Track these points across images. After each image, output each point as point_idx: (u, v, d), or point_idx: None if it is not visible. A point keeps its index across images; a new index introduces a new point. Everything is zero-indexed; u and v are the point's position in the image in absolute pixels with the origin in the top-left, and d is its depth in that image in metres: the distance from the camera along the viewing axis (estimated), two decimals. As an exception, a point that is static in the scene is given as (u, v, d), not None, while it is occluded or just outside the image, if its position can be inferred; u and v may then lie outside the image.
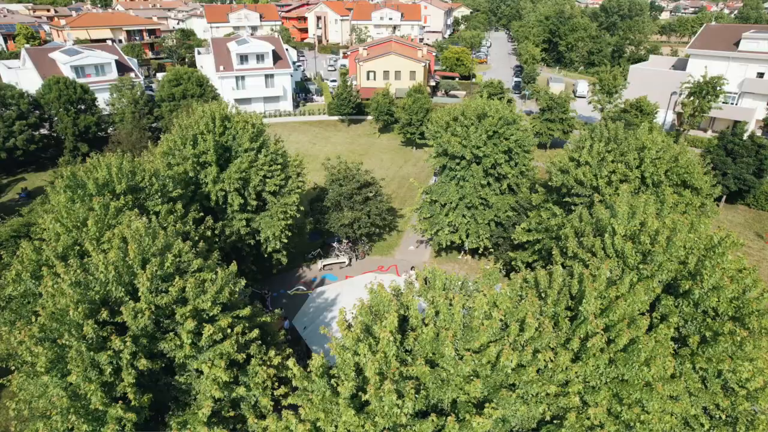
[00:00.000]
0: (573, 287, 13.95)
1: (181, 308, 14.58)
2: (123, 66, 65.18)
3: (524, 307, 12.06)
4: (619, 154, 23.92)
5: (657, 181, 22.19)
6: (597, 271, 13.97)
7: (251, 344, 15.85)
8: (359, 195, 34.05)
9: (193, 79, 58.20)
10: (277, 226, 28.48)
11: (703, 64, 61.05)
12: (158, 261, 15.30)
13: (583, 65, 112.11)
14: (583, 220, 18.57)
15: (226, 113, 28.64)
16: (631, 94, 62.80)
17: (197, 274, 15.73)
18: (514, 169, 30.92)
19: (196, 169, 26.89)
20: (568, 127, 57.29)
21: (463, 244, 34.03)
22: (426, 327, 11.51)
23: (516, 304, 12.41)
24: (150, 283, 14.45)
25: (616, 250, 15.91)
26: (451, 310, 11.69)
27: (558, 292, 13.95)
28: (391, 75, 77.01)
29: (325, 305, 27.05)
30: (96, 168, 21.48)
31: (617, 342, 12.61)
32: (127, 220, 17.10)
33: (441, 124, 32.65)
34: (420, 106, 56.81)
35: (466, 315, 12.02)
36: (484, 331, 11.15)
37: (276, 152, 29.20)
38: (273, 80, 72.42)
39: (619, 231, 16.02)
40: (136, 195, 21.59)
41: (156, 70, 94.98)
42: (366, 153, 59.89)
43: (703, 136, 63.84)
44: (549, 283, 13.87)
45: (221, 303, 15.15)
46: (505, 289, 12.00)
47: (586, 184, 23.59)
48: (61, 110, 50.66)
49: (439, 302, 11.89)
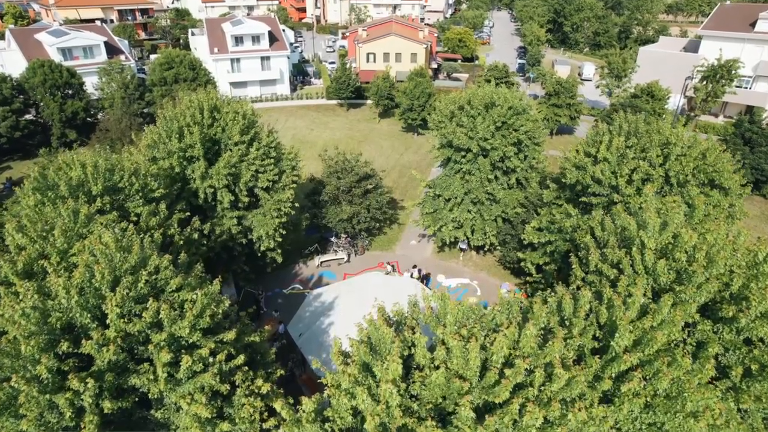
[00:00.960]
0: (601, 315, 12.23)
1: (156, 334, 12.88)
2: (113, 48, 62.64)
3: (552, 349, 10.35)
4: (639, 149, 21.99)
5: (683, 181, 20.30)
6: (629, 298, 12.19)
7: (237, 371, 14.19)
8: (358, 188, 32.17)
9: (186, 63, 55.76)
10: (270, 224, 26.69)
11: (717, 45, 58.50)
12: (131, 280, 13.55)
13: (588, 46, 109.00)
14: (605, 229, 16.73)
15: (215, 103, 26.61)
16: (640, 77, 60.43)
17: (175, 295, 13.97)
18: (523, 162, 28.98)
19: (183, 164, 24.97)
20: (575, 113, 55.07)
21: (468, 241, 32.25)
22: (437, 371, 9.82)
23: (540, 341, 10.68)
24: (120, 309, 12.72)
25: (645, 267, 14.14)
26: (466, 354, 9.98)
27: (585, 317, 12.24)
28: (391, 57, 74.36)
29: (323, 309, 25.42)
30: (70, 166, 19.57)
31: (655, 383, 10.94)
32: (98, 230, 15.26)
33: (446, 114, 30.59)
34: (422, 91, 54.51)
35: (484, 358, 10.30)
36: (506, 385, 9.47)
37: (269, 145, 27.25)
38: (269, 63, 69.85)
39: (649, 245, 14.23)
40: (114, 196, 19.74)
41: (149, 51, 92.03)
42: (365, 139, 57.79)
43: (715, 122, 61.69)
44: (574, 310, 12.11)
45: (202, 328, 13.42)
46: (530, 329, 10.25)
47: (604, 183, 21.71)
48: (46, 95, 48.40)
49: (452, 344, 10.17)
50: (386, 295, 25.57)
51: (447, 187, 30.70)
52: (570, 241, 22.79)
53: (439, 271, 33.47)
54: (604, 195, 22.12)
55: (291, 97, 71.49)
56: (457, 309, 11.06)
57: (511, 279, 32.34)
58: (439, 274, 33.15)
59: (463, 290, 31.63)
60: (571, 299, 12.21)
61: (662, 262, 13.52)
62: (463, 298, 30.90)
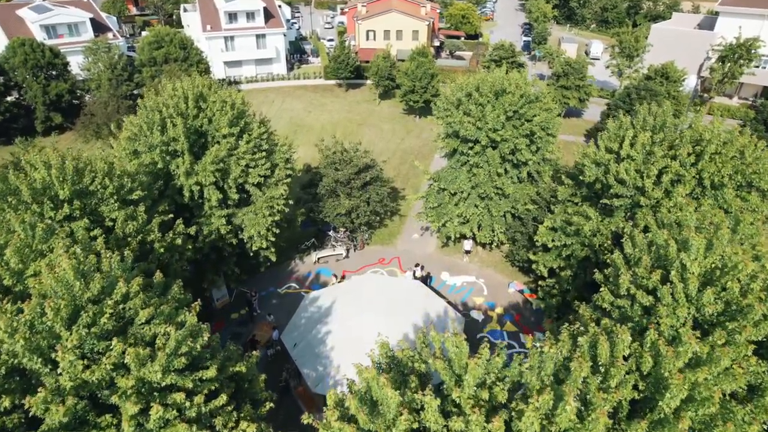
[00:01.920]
0: (644, 363, 10.36)
1: (122, 378, 11.05)
2: (100, 25, 59.68)
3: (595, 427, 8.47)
4: (667, 146, 19.87)
5: (718, 183, 18.25)
6: (680, 346, 10.27)
7: (218, 414, 12.42)
8: (357, 180, 30.08)
9: (176, 41, 53.05)
10: (262, 223, 24.72)
11: (735, 23, 55.54)
12: (95, 310, 11.66)
13: (595, 23, 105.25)
14: (636, 246, 14.74)
15: (200, 91, 24.36)
16: (652, 57, 57.69)
17: (146, 328, 12.09)
18: (535, 155, 26.82)
19: (166, 159, 22.86)
20: (584, 95, 52.54)
21: (474, 237, 30.31)
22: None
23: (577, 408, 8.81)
24: (79, 349, 10.87)
25: (687, 295, 12.24)
26: (488, 427, 8.15)
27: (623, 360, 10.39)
28: (392, 34, 71.23)
29: (319, 315, 23.64)
30: (34, 167, 17.48)
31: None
32: (59, 247, 13.27)
33: (452, 101, 28.32)
34: (424, 72, 51.88)
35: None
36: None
37: (260, 137, 25.09)
38: (265, 41, 66.78)
39: (692, 269, 12.30)
40: (85, 200, 17.71)
41: (141, 28, 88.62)
42: (365, 122, 55.37)
43: (730, 104, 59.15)
44: (611, 359, 10.21)
45: (176, 370, 11.57)
46: (569, 403, 8.35)
47: (628, 184, 19.65)
48: (28, 76, 45.86)
49: (471, 417, 8.31)
50: (387, 300, 23.97)
51: (453, 181, 28.62)
52: (589, 246, 20.88)
53: (443, 268, 31.62)
54: (627, 196, 20.10)
55: (287, 77, 68.64)
56: (476, 368, 9.17)
57: (520, 277, 30.53)
58: (443, 271, 31.30)
59: (469, 289, 29.85)
60: (606, 340, 10.34)
61: (710, 292, 11.63)
62: (468, 298, 29.14)
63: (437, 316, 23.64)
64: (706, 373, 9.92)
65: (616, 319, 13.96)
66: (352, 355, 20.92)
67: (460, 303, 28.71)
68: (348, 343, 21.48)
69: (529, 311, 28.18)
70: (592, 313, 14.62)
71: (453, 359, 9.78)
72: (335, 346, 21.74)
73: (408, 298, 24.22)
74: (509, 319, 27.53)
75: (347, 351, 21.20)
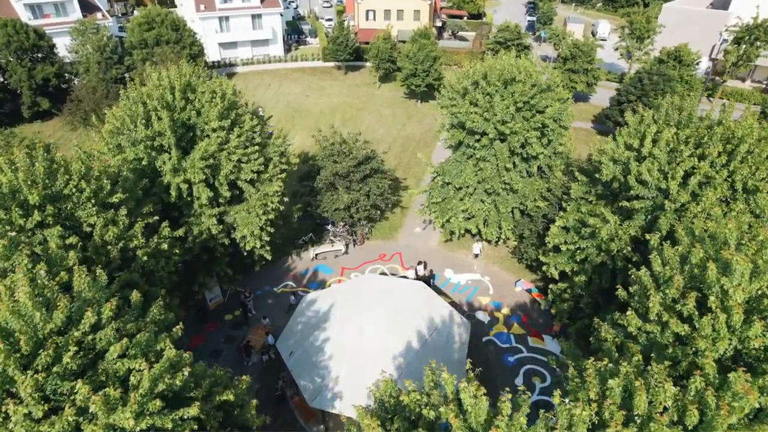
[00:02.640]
0: (689, 417, 8.99)
1: (89, 424, 9.71)
2: (88, 4, 57.29)
3: None
4: (693, 144, 18.25)
5: (752, 188, 16.69)
6: (736, 401, 8.91)
7: (201, 456, 11.12)
8: (357, 173, 28.46)
9: (168, 23, 50.78)
10: (255, 222, 23.23)
11: (752, 1, 53.09)
12: (58, 344, 10.27)
13: (602, 2, 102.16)
14: (666, 264, 13.26)
15: (188, 80, 22.62)
16: (662, 38, 55.53)
17: (119, 364, 10.70)
18: (546, 148, 25.17)
19: (151, 155, 21.25)
20: (593, 79, 50.52)
21: (480, 234, 28.82)
22: None
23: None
24: (38, 392, 9.50)
25: (729, 326, 10.83)
26: None
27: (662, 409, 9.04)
28: (392, 15, 68.70)
29: (316, 320, 22.31)
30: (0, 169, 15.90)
31: None
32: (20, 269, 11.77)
33: (457, 90, 26.56)
34: (426, 54, 49.77)
35: None
36: None
37: (252, 129, 23.44)
38: (261, 21, 64.35)
39: (736, 297, 10.86)
40: (59, 205, 16.18)
41: (133, 6, 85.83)
42: (365, 107, 53.44)
43: (743, 87, 57.14)
44: (649, 410, 8.80)
45: (151, 413, 10.21)
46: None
47: (650, 185, 18.10)
48: (12, 59, 43.81)
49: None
50: (388, 303, 22.59)
51: (458, 175, 27.03)
52: (605, 251, 19.41)
53: (447, 265, 30.23)
54: (648, 198, 18.57)
55: (285, 59, 66.35)
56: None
57: (527, 275, 29.14)
58: (446, 268, 29.91)
59: (474, 288, 28.50)
60: (643, 387, 8.96)
61: (759, 326, 10.21)
62: (473, 297, 27.80)
63: (442, 322, 22.33)
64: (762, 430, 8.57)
65: (643, 344, 12.58)
66: (351, 367, 19.81)
67: (465, 303, 27.39)
68: (347, 351, 20.21)
69: (537, 312, 26.87)
70: (616, 336, 13.24)
71: (469, 413, 8.44)
72: (333, 355, 20.43)
73: (411, 301, 22.85)
74: (516, 321, 26.23)
75: (346, 361, 19.95)
